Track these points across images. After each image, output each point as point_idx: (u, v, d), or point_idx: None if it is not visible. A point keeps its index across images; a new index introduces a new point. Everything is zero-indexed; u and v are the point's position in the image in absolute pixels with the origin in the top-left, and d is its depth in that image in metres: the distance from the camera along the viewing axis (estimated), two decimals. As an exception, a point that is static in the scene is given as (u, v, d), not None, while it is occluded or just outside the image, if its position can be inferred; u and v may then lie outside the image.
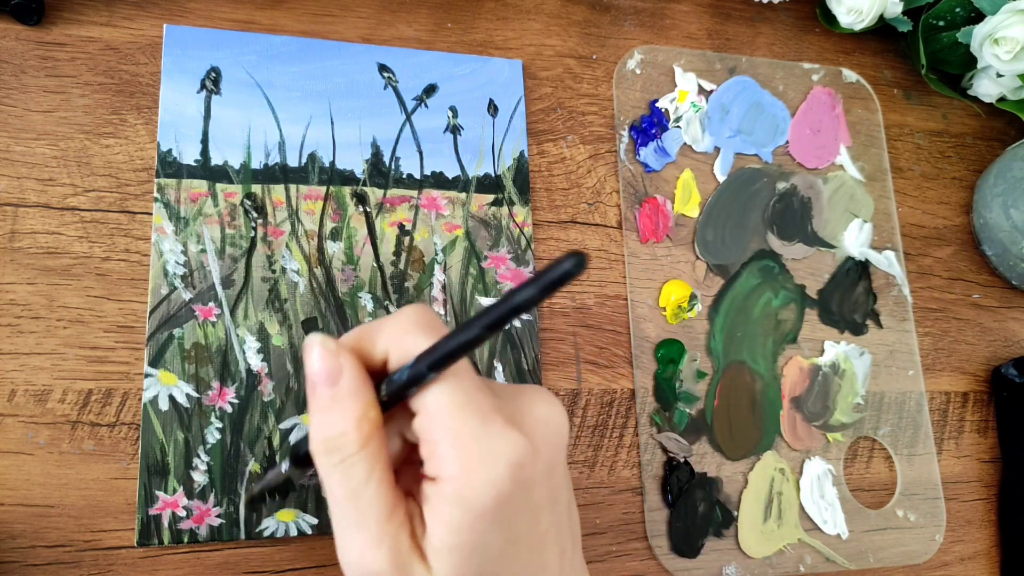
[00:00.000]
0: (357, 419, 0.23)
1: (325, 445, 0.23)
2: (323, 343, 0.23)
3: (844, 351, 0.44)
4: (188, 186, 0.37)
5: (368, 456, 0.22)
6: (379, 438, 0.23)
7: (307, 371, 0.23)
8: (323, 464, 0.23)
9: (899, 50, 0.51)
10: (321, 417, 0.23)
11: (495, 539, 0.22)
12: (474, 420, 0.22)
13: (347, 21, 0.41)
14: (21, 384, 0.33)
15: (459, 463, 0.22)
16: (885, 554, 0.41)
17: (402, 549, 0.22)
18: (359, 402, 0.23)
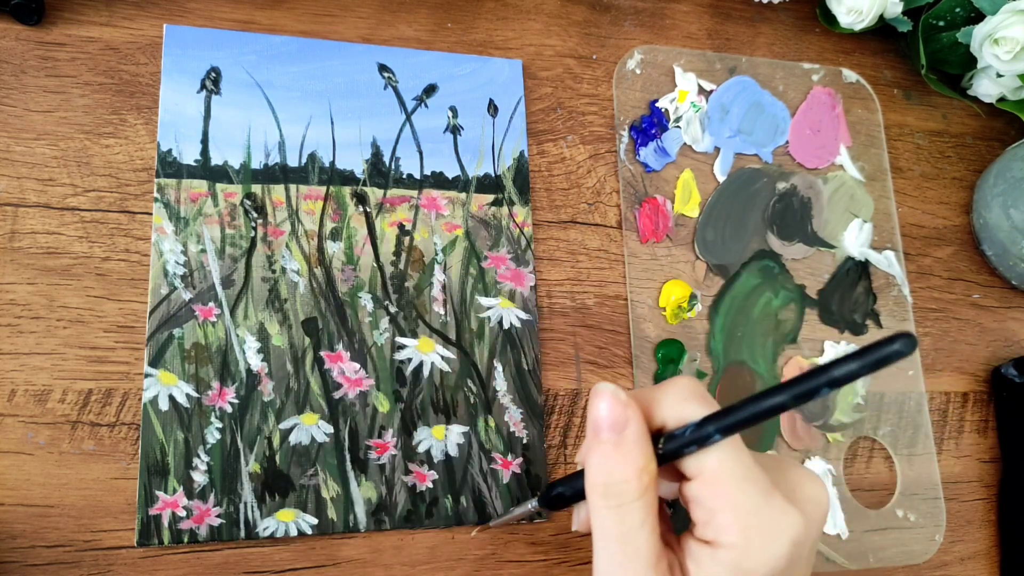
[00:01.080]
0: (639, 469, 0.24)
1: (605, 489, 0.24)
2: (615, 393, 0.24)
3: (844, 351, 0.44)
4: (188, 186, 0.37)
5: (644, 505, 0.24)
6: (654, 490, 0.24)
7: (593, 415, 0.25)
8: (599, 506, 0.24)
9: (899, 50, 0.51)
10: (603, 462, 0.24)
11: None
12: (756, 493, 0.23)
13: (347, 21, 0.41)
14: (21, 384, 0.33)
15: (741, 534, 0.23)
16: (885, 554, 0.41)
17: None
18: (642, 454, 0.24)
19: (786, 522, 0.23)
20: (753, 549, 0.23)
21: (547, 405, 0.39)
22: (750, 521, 0.23)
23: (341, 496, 0.35)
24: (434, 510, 0.36)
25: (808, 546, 0.24)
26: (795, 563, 0.24)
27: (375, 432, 0.36)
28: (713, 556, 0.23)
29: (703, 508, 0.24)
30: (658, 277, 0.42)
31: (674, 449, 0.24)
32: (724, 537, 0.23)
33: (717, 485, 0.23)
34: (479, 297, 0.39)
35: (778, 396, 0.22)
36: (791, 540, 0.23)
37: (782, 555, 0.23)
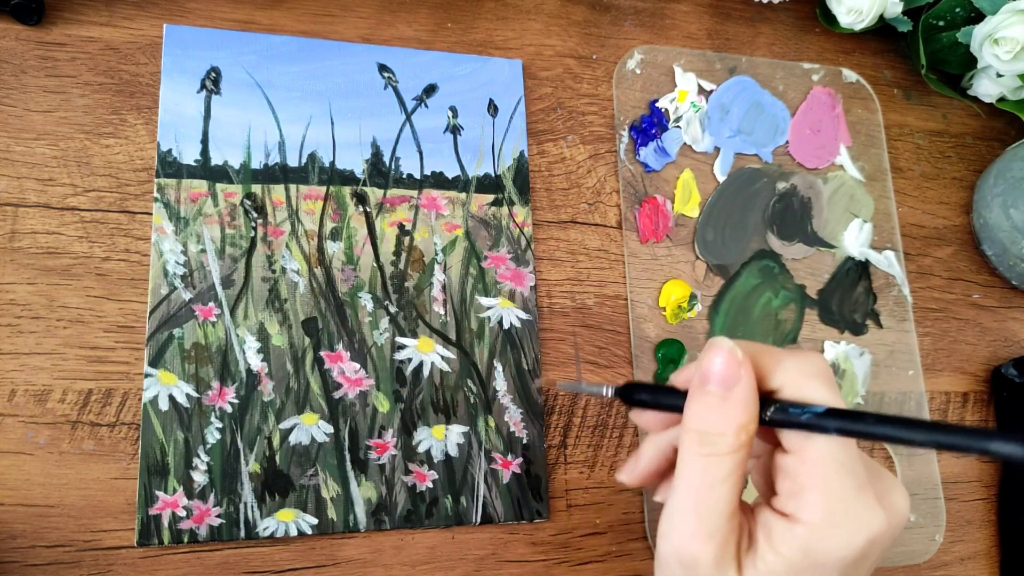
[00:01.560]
0: (739, 426, 0.24)
1: (701, 437, 0.24)
2: (732, 350, 0.25)
3: (844, 351, 0.44)
4: (188, 186, 0.37)
5: (735, 460, 0.24)
6: (748, 449, 0.24)
7: (704, 366, 0.25)
8: (691, 450, 0.25)
9: (899, 50, 0.51)
10: (704, 412, 0.25)
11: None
12: (851, 484, 0.23)
13: (347, 21, 0.41)
14: (21, 384, 0.33)
15: (824, 515, 0.23)
16: (885, 554, 0.41)
17: (728, 550, 0.24)
18: (746, 413, 0.24)
19: (871, 518, 0.23)
20: (832, 533, 0.23)
21: (547, 405, 0.39)
22: (838, 507, 0.23)
23: (341, 496, 0.35)
24: (434, 510, 0.36)
25: (878, 551, 0.24)
26: (863, 562, 0.24)
27: (375, 432, 0.36)
28: (789, 530, 0.24)
29: (793, 482, 0.24)
30: (658, 277, 0.42)
31: (781, 423, 0.24)
32: (806, 514, 0.23)
33: (816, 465, 0.23)
34: (479, 297, 0.39)
35: (918, 433, 0.22)
36: (869, 537, 0.23)
37: (857, 547, 0.23)
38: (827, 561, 0.23)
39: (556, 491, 0.38)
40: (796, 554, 0.23)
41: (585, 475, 0.39)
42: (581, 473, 0.39)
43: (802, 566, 0.23)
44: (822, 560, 0.23)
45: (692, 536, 0.24)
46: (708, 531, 0.24)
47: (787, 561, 0.23)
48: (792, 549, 0.23)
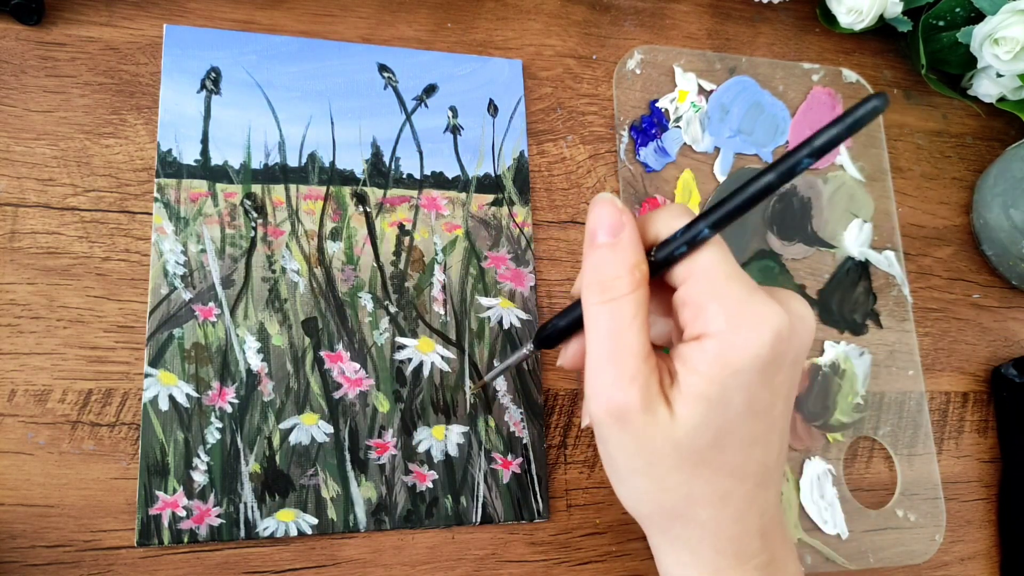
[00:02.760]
0: (632, 266, 0.25)
1: (600, 285, 0.25)
2: (612, 201, 0.26)
3: (844, 351, 0.44)
4: (188, 186, 0.37)
5: (635, 300, 0.25)
6: (646, 290, 0.25)
7: (590, 222, 0.26)
8: (593, 303, 0.25)
9: (899, 50, 0.51)
10: (598, 262, 0.26)
11: (740, 401, 0.24)
12: (743, 287, 0.24)
13: (347, 21, 0.41)
14: (21, 384, 0.33)
15: (727, 321, 0.24)
16: (885, 554, 0.41)
17: (651, 389, 0.25)
18: (636, 253, 0.25)
19: (770, 313, 0.24)
20: (737, 337, 0.24)
21: (547, 405, 0.39)
22: (736, 309, 0.24)
23: (341, 496, 0.35)
24: (434, 510, 0.36)
25: (791, 352, 0.25)
26: (777, 362, 0.24)
27: (375, 432, 0.36)
28: (699, 348, 0.24)
29: (693, 306, 0.25)
30: (658, 277, 0.42)
31: (667, 253, 0.25)
32: (711, 326, 0.24)
33: (706, 280, 0.24)
34: (479, 297, 0.39)
35: (765, 177, 0.23)
36: (774, 331, 0.24)
37: (765, 344, 0.24)
38: (743, 365, 0.24)
39: (556, 491, 0.38)
40: (713, 368, 0.24)
41: (585, 475, 0.39)
42: (581, 473, 0.39)
43: (722, 377, 0.24)
44: (738, 365, 0.24)
45: (614, 385, 0.25)
46: (629, 375, 0.24)
47: (707, 377, 0.24)
48: (708, 364, 0.24)
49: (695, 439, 0.24)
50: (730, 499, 0.26)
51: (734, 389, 0.24)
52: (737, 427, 0.25)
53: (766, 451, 0.26)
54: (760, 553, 0.27)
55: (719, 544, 0.26)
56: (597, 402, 0.25)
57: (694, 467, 0.25)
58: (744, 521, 0.26)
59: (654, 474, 0.25)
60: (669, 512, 0.26)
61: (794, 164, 0.22)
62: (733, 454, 0.25)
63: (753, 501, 0.26)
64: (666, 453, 0.25)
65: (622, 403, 0.24)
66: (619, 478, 0.27)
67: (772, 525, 0.27)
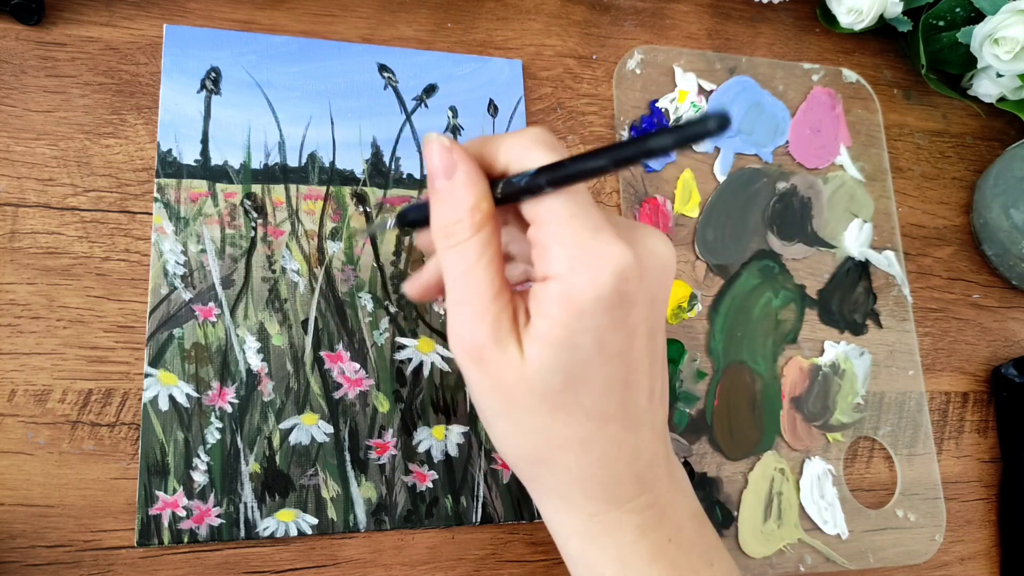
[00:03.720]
0: (470, 207, 0.25)
1: (443, 231, 0.25)
2: (439, 139, 0.25)
3: (844, 351, 0.44)
4: (188, 186, 0.37)
5: (479, 241, 0.25)
6: (491, 227, 0.25)
7: (427, 167, 0.26)
8: (440, 248, 0.26)
9: (899, 50, 0.51)
10: (438, 207, 0.26)
11: (588, 342, 0.24)
12: (585, 227, 0.24)
13: (347, 21, 0.41)
14: (21, 384, 0.33)
15: (566, 263, 0.24)
16: (885, 554, 0.41)
17: (502, 327, 0.25)
18: (472, 193, 0.25)
19: (611, 252, 0.24)
20: (576, 275, 0.24)
21: (547, 405, 0.39)
22: (575, 251, 0.24)
23: (341, 496, 0.35)
24: (434, 510, 0.36)
25: (643, 290, 0.25)
26: (626, 301, 0.24)
27: (375, 432, 0.36)
28: (544, 289, 0.24)
29: (539, 248, 0.25)
30: (658, 277, 0.42)
31: (509, 194, 0.25)
32: (552, 268, 0.24)
33: (551, 222, 0.24)
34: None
35: (600, 159, 0.23)
36: (614, 270, 0.23)
37: (605, 284, 0.23)
38: (585, 305, 0.23)
39: (556, 491, 0.38)
40: (557, 309, 0.24)
41: (585, 475, 0.39)
42: (581, 473, 0.39)
43: (566, 319, 0.24)
44: (580, 306, 0.24)
45: (466, 323, 0.25)
46: (478, 313, 0.24)
47: (553, 319, 0.24)
48: (553, 306, 0.24)
49: (547, 381, 0.24)
50: (592, 443, 0.26)
51: (581, 332, 0.24)
52: (590, 370, 0.24)
53: (628, 393, 0.26)
54: (637, 496, 0.27)
55: (587, 489, 0.26)
56: (454, 343, 0.25)
57: (551, 410, 0.25)
58: (613, 465, 0.26)
59: (513, 416, 0.25)
60: (533, 457, 0.26)
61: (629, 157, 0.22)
62: (590, 397, 0.25)
63: (621, 444, 0.26)
64: (521, 394, 0.25)
65: (474, 341, 0.25)
66: (487, 422, 0.27)
67: (651, 468, 0.27)
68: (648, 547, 0.27)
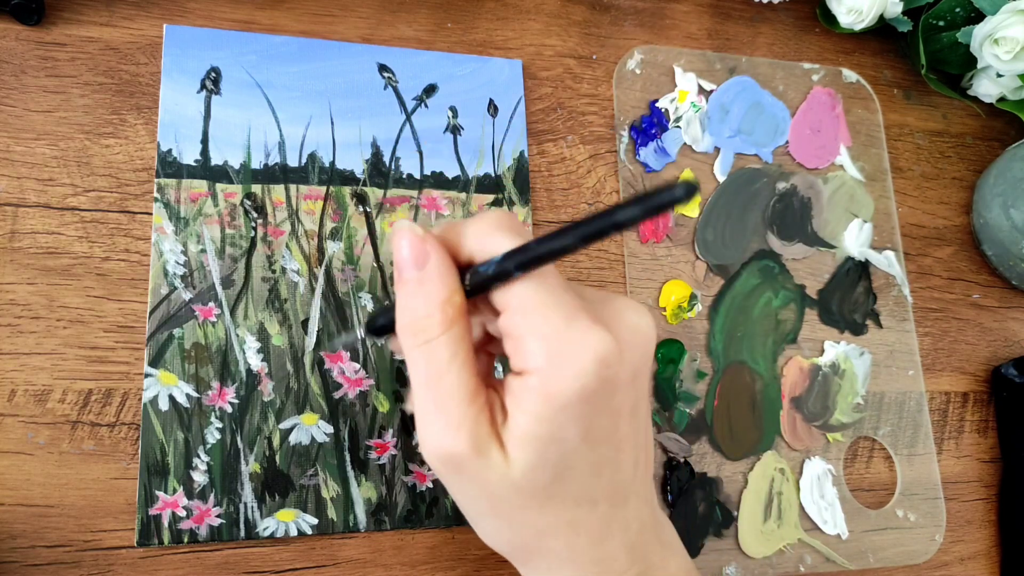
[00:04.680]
0: (442, 302, 0.23)
1: (411, 327, 0.24)
2: (411, 228, 0.24)
3: (844, 351, 0.44)
4: (188, 186, 0.37)
5: (451, 340, 0.23)
6: (463, 324, 0.24)
7: (395, 257, 0.24)
8: (408, 346, 0.24)
9: (899, 50, 0.51)
10: (407, 300, 0.24)
11: (574, 433, 0.23)
12: (560, 316, 0.23)
13: (347, 21, 0.41)
14: (21, 384, 0.33)
15: (545, 357, 0.22)
16: (885, 554, 0.41)
17: (481, 433, 0.23)
18: (444, 286, 0.24)
19: (590, 341, 0.23)
20: (557, 369, 0.22)
21: (547, 405, 0.39)
22: (552, 344, 0.22)
23: (341, 496, 0.35)
24: (434, 510, 0.36)
25: (625, 371, 0.23)
26: (609, 386, 0.23)
27: (375, 432, 0.36)
28: (524, 384, 0.23)
29: (512, 340, 0.23)
30: (658, 277, 0.42)
31: (479, 284, 0.24)
32: (530, 362, 0.23)
33: (522, 314, 0.23)
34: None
35: (567, 238, 0.22)
36: (596, 358, 0.22)
37: (587, 373, 0.22)
38: (568, 399, 0.22)
39: (556, 491, 0.38)
40: (538, 405, 0.23)
41: (585, 475, 0.39)
42: (581, 473, 0.39)
43: (550, 414, 0.23)
44: (563, 400, 0.22)
45: (443, 432, 0.23)
46: (455, 421, 0.23)
47: (535, 415, 0.23)
48: (533, 402, 0.23)
49: (533, 479, 0.23)
50: (581, 526, 0.25)
51: (565, 424, 0.23)
52: (577, 459, 0.24)
53: (615, 471, 0.25)
54: (630, 567, 0.26)
55: (580, 570, 0.25)
56: (427, 451, 0.24)
57: (540, 504, 0.24)
58: (604, 543, 0.25)
59: (501, 514, 0.25)
60: (523, 548, 0.26)
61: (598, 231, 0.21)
62: (577, 484, 0.24)
63: (612, 522, 0.25)
64: (507, 495, 0.24)
65: (452, 451, 0.23)
66: (471, 519, 0.26)
67: (640, 536, 0.26)
68: None
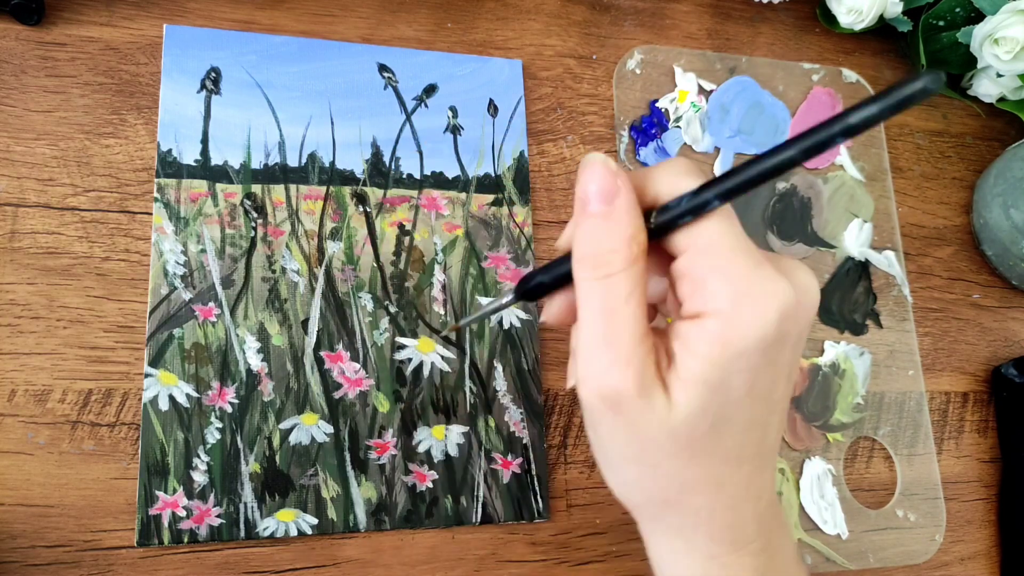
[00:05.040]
0: (629, 238, 0.23)
1: (593, 260, 0.23)
2: (605, 163, 0.23)
3: (844, 351, 0.44)
4: (188, 186, 0.37)
5: (632, 276, 0.23)
6: (643, 264, 0.23)
7: (581, 187, 0.24)
8: (585, 278, 0.23)
9: (899, 50, 0.51)
10: (591, 232, 0.23)
11: (741, 384, 0.22)
12: (748, 261, 0.22)
13: (347, 21, 0.41)
14: (21, 384, 0.33)
15: (730, 298, 0.22)
16: (885, 554, 0.41)
17: (648, 373, 0.22)
18: (632, 223, 0.23)
19: (777, 290, 0.22)
20: (741, 315, 0.22)
21: (547, 405, 0.39)
22: (739, 286, 0.22)
23: (341, 496, 0.35)
24: (434, 510, 0.36)
25: (795, 330, 0.23)
26: (781, 342, 0.22)
27: (375, 432, 0.36)
28: (700, 328, 0.22)
29: (692, 280, 0.23)
30: (658, 277, 0.42)
31: (668, 220, 0.23)
32: (712, 304, 0.22)
33: (709, 254, 0.22)
34: (479, 297, 0.39)
35: (788, 151, 0.20)
36: (780, 309, 0.22)
37: (770, 323, 0.22)
38: (746, 346, 0.22)
39: (556, 491, 0.38)
40: (714, 349, 0.22)
41: (585, 475, 0.39)
42: (581, 473, 0.39)
43: (724, 360, 0.22)
44: (741, 346, 0.22)
45: (609, 368, 0.22)
46: (624, 358, 0.22)
47: (708, 360, 0.22)
48: (709, 346, 0.22)
49: (693, 426, 0.23)
50: (726, 485, 0.24)
51: (736, 372, 0.22)
52: (737, 412, 0.23)
53: (765, 434, 0.24)
54: (756, 538, 0.26)
55: (713, 531, 0.25)
56: (588, 387, 0.23)
57: (692, 455, 0.23)
58: (740, 507, 0.25)
59: (647, 461, 0.24)
60: (662, 500, 0.25)
61: (824, 140, 0.20)
62: (731, 439, 0.24)
63: (749, 486, 0.25)
64: (661, 441, 0.23)
65: (616, 389, 0.22)
66: (609, 466, 0.26)
67: (768, 509, 0.26)
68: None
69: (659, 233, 0.23)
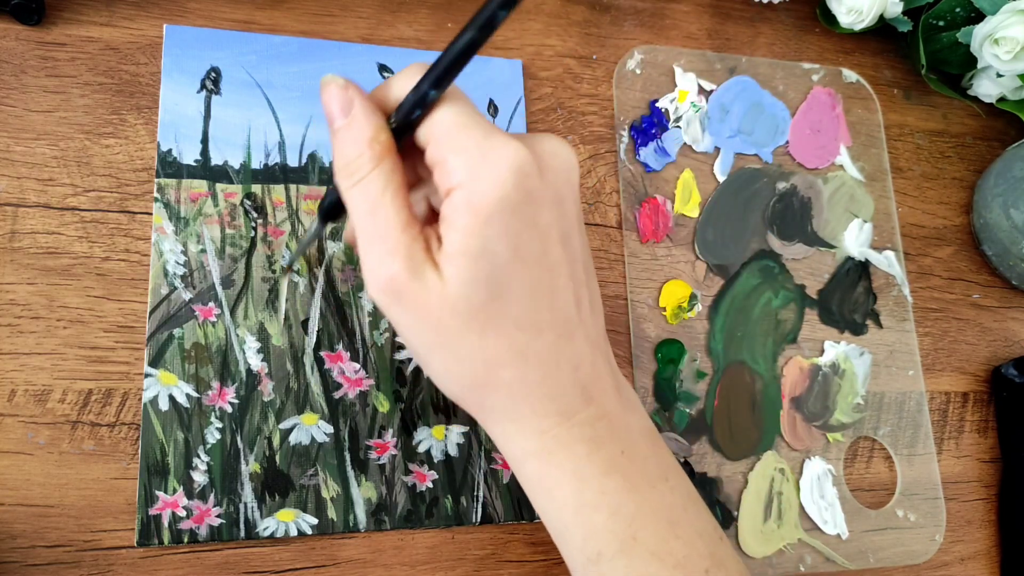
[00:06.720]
0: (369, 140, 0.25)
1: (345, 170, 0.25)
2: (333, 79, 0.26)
3: (844, 351, 0.44)
4: (188, 186, 0.37)
5: (382, 174, 0.25)
6: (392, 160, 0.25)
7: (325, 111, 0.26)
8: (344, 188, 0.26)
9: (899, 50, 0.51)
10: (339, 147, 0.26)
11: (503, 248, 0.24)
12: (478, 133, 0.24)
13: (347, 21, 0.41)
14: (21, 384, 0.33)
15: (465, 170, 0.24)
16: (885, 554, 0.41)
17: (416, 256, 0.24)
18: (369, 126, 0.25)
19: (506, 153, 0.24)
20: (479, 180, 0.24)
21: (547, 405, 0.39)
22: (473, 156, 0.24)
23: (341, 496, 0.35)
24: (434, 510, 0.36)
25: (546, 188, 0.25)
26: (531, 200, 0.24)
27: (375, 432, 0.36)
28: (450, 203, 0.24)
29: (438, 165, 0.25)
30: (658, 277, 0.42)
31: (401, 117, 0.25)
32: (453, 178, 0.24)
33: (445, 137, 0.25)
34: None
35: (466, 34, 0.24)
36: (513, 168, 0.24)
37: (506, 182, 0.24)
38: (492, 209, 0.24)
39: (556, 491, 0.38)
40: (465, 218, 0.24)
41: (585, 475, 0.39)
42: (581, 473, 0.39)
43: (477, 226, 0.24)
44: (488, 211, 0.24)
45: (381, 260, 0.25)
46: (391, 247, 0.24)
47: (463, 229, 0.24)
48: (460, 215, 0.24)
49: (470, 296, 0.24)
50: (529, 354, 0.25)
51: (493, 237, 0.24)
52: (510, 276, 0.25)
53: (556, 299, 0.26)
54: (584, 407, 0.26)
55: (535, 404, 0.26)
56: (371, 283, 0.25)
57: (481, 328, 0.25)
58: (554, 376, 0.26)
59: (445, 343, 0.25)
60: (473, 382, 0.26)
61: (490, 16, 0.24)
62: (516, 305, 0.25)
63: (559, 354, 0.26)
64: (447, 318, 0.25)
65: (391, 276, 0.24)
66: (423, 362, 0.27)
67: (595, 379, 0.27)
68: (602, 460, 0.26)
69: (403, 132, 0.26)
